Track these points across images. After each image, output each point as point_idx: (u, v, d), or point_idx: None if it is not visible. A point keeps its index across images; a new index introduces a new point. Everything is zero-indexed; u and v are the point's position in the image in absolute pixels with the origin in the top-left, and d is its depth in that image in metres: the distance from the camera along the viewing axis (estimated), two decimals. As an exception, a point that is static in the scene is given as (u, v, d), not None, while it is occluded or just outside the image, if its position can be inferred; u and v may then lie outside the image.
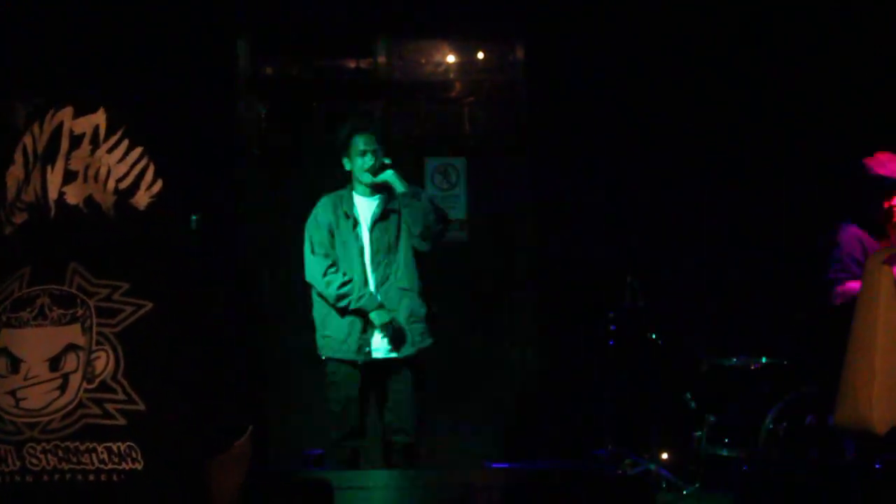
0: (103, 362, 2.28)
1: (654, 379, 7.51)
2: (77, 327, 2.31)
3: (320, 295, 6.41)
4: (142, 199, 2.44)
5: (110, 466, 2.27)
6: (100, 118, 2.44)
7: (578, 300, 7.89)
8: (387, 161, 6.41)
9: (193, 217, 5.96)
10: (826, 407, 6.83)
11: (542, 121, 8.20)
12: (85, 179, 2.41)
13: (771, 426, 7.01)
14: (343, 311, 6.34)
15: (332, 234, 6.43)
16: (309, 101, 8.46)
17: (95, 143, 2.42)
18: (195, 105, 7.37)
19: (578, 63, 8.05)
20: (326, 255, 6.39)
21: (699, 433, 7.30)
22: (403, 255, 6.44)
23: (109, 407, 2.27)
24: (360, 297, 6.30)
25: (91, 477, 2.26)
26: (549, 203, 8.11)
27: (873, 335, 2.62)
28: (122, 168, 2.44)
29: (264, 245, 8.24)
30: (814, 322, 7.22)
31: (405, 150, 7.79)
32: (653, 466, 7.30)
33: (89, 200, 2.41)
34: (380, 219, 6.43)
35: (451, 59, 8.61)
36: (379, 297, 6.35)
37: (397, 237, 6.44)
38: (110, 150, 2.43)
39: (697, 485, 7.10)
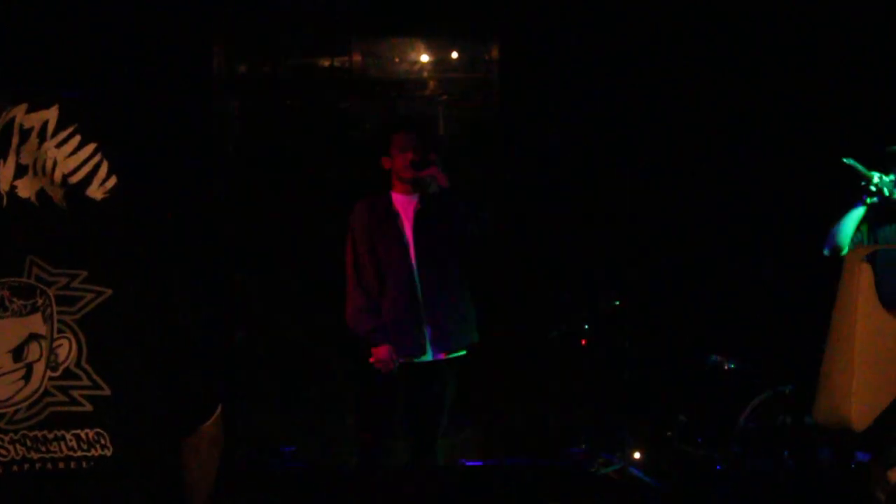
0: (66, 350, 2.30)
1: (628, 378, 7.50)
2: (38, 317, 2.33)
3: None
4: (96, 193, 2.46)
5: (79, 454, 2.28)
6: (52, 114, 2.46)
7: (552, 300, 7.89)
8: (432, 158, 6.37)
9: (168, 214, 5.96)
10: (800, 407, 6.90)
11: (516, 119, 8.19)
12: (35, 173, 2.44)
13: (743, 426, 7.02)
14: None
15: (371, 239, 6.40)
16: (284, 99, 8.44)
17: (43, 137, 2.45)
18: (170, 103, 7.34)
19: (552, 61, 8.04)
20: (368, 287, 6.39)
21: (672, 433, 7.31)
22: (448, 252, 6.40)
23: (75, 393, 2.28)
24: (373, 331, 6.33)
25: (61, 465, 2.27)
26: (522, 202, 8.10)
27: (852, 331, 2.61)
28: (73, 162, 2.46)
29: (241, 242, 8.22)
30: (787, 322, 7.27)
31: (379, 149, 7.77)
32: (625, 465, 7.30)
33: (41, 194, 2.44)
34: (424, 217, 6.41)
35: (425, 57, 8.61)
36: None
37: (440, 235, 6.40)
38: (59, 145, 2.46)
39: (670, 484, 7.10)
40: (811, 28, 7.75)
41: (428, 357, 6.36)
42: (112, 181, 2.49)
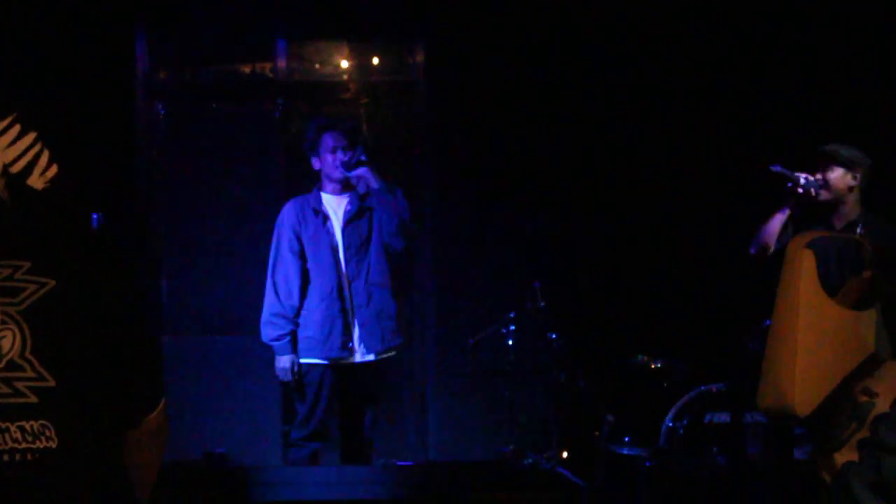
0: (10, 341, 2.27)
1: (555, 379, 7.52)
2: None
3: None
4: (37, 182, 2.45)
5: (24, 445, 2.26)
6: None
7: (480, 302, 7.90)
8: (363, 157, 6.37)
9: (95, 216, 5.90)
10: (729, 405, 6.96)
11: (442, 122, 8.20)
12: None
13: (671, 424, 7.07)
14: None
15: (298, 240, 6.41)
16: (208, 103, 8.40)
17: None
18: (95, 106, 7.26)
19: (479, 65, 8.06)
20: (290, 291, 6.40)
21: (599, 432, 7.34)
22: (375, 253, 6.46)
23: (19, 385, 2.26)
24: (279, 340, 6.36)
25: (6, 457, 2.25)
26: (449, 205, 8.11)
27: (794, 317, 2.64)
28: (13, 152, 2.45)
29: (166, 245, 8.16)
30: (714, 321, 7.34)
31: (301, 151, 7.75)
32: (553, 465, 7.31)
33: None
34: (354, 216, 6.43)
35: (350, 60, 8.60)
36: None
37: (370, 234, 6.46)
38: None
39: (598, 483, 7.12)
40: (740, 34, 7.85)
41: (356, 358, 6.38)
42: (53, 170, 2.47)
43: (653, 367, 7.38)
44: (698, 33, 7.90)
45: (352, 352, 6.37)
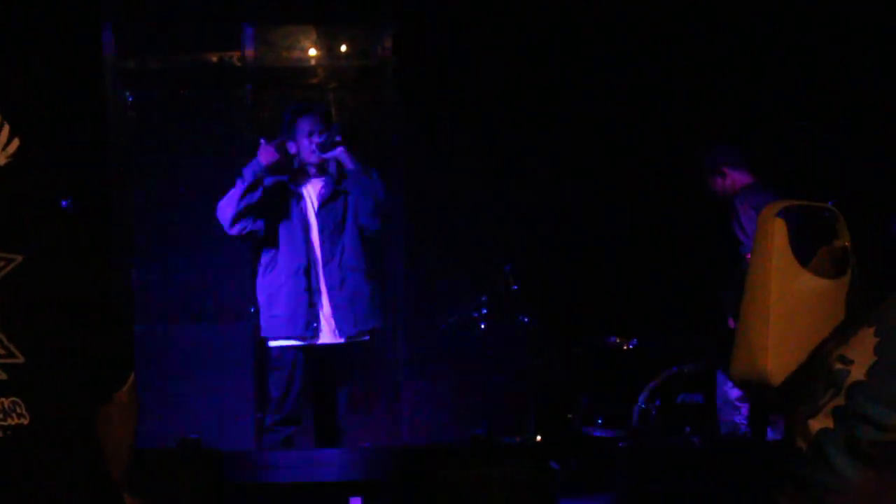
0: None
1: (527, 361, 7.53)
2: None
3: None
4: None
5: (-5, 423, 2.23)
6: None
7: (452, 286, 7.90)
8: (338, 139, 6.36)
9: (64, 202, 5.88)
10: (702, 385, 6.99)
11: (410, 106, 8.19)
12: None
13: (643, 405, 7.09)
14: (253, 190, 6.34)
15: (272, 218, 6.40)
16: (176, 89, 8.36)
17: None
18: (63, 91, 7.21)
19: (447, 48, 8.05)
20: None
21: (573, 414, 7.36)
22: (350, 235, 6.46)
23: (-12, 362, 2.23)
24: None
25: None
26: (419, 189, 8.10)
27: (767, 286, 2.64)
28: None
29: (136, 233, 8.13)
30: (686, 302, 7.35)
31: (275, 136, 7.72)
32: (527, 447, 7.32)
33: None
34: (328, 199, 6.43)
35: (318, 45, 8.57)
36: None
37: (344, 217, 6.45)
38: None
39: (572, 465, 7.13)
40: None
41: (327, 340, 6.38)
42: (14, 144, 2.45)
43: (625, 348, 7.40)
44: (671, 16, 7.91)
45: (316, 332, 6.37)
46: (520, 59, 8.02)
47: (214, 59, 8.51)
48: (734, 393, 6.64)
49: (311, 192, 6.46)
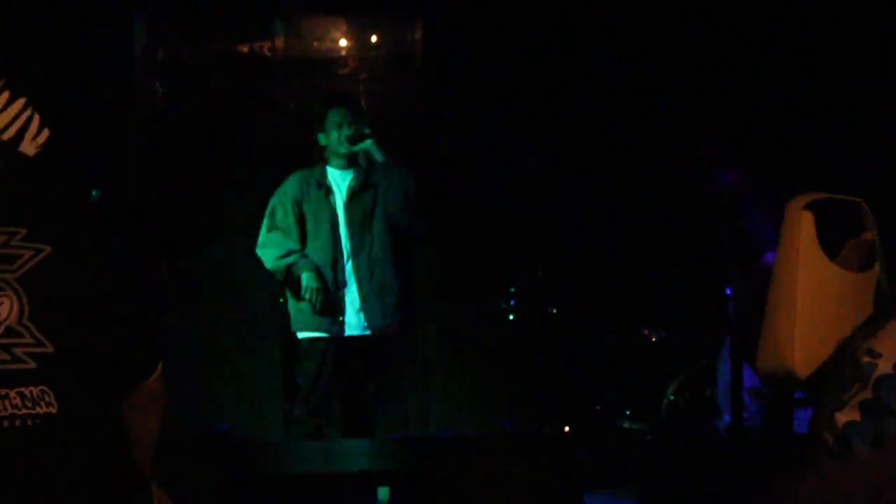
0: (7, 308, 2.27)
1: (556, 352, 7.53)
2: None
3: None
4: (29, 148, 2.44)
5: (24, 411, 2.26)
6: None
7: (481, 276, 7.90)
8: (366, 131, 6.38)
9: (94, 192, 5.92)
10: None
11: (441, 97, 8.18)
12: None
13: (672, 398, 7.08)
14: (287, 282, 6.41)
15: (299, 209, 6.41)
16: (206, 80, 8.38)
17: None
18: (93, 82, 7.25)
19: (477, 38, 8.04)
20: (285, 233, 6.39)
21: (601, 405, 7.35)
22: (379, 228, 6.47)
23: (18, 351, 2.26)
24: (294, 262, 6.33)
25: (5, 423, 2.25)
26: (449, 179, 8.10)
27: (794, 279, 2.64)
28: (4, 119, 2.44)
29: (166, 222, 8.15)
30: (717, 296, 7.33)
31: (304, 128, 7.74)
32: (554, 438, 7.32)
33: None
34: (358, 191, 6.44)
35: (349, 36, 8.57)
36: (346, 270, 6.41)
37: (373, 210, 6.46)
38: None
39: (599, 456, 7.13)
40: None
41: (356, 332, 6.40)
42: (44, 135, 2.47)
43: (654, 340, 7.39)
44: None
45: (343, 325, 6.38)
46: (551, 48, 8.00)
47: (245, 49, 8.51)
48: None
49: (341, 185, 6.48)
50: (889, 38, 6.88)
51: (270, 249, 6.41)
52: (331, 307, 6.37)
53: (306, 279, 6.29)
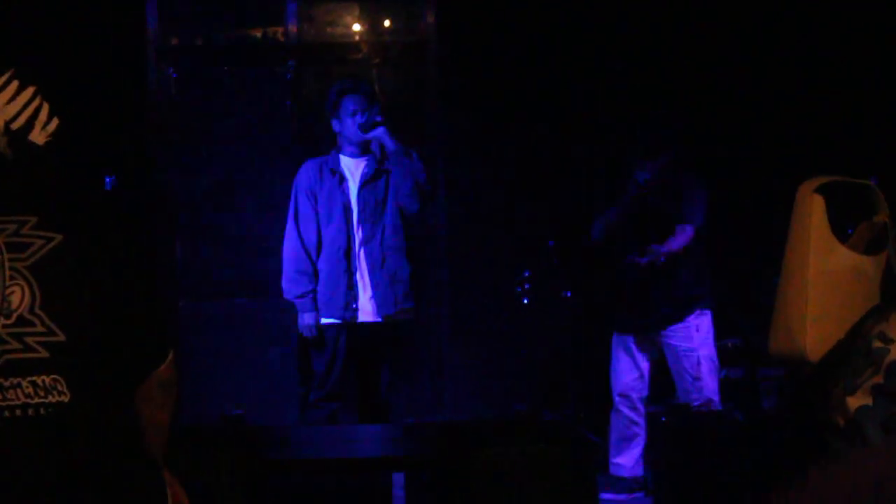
0: (19, 297, 2.28)
1: (569, 336, 7.52)
2: None
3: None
4: (39, 137, 2.44)
5: (37, 400, 2.27)
6: None
7: (496, 262, 7.90)
8: (378, 119, 6.41)
9: (108, 179, 5.93)
10: (744, 360, 6.96)
11: (454, 82, 8.17)
12: None
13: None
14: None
15: (315, 197, 6.47)
16: (220, 67, 8.38)
17: None
18: (106, 68, 7.26)
19: (490, 24, 8.03)
20: (309, 246, 6.50)
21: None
22: (391, 215, 6.53)
23: (30, 340, 2.26)
24: (301, 303, 6.48)
25: (18, 412, 2.25)
26: (461, 164, 8.09)
27: (805, 263, 2.63)
28: (13, 108, 2.46)
29: (180, 209, 8.17)
30: (733, 278, 7.33)
31: (317, 114, 7.74)
32: (569, 422, 7.31)
33: None
34: (370, 179, 6.49)
35: (361, 21, 8.56)
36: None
37: (385, 197, 6.51)
38: None
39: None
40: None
41: (368, 319, 6.43)
42: (54, 124, 2.48)
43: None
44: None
45: (355, 312, 6.42)
46: (566, 32, 7.98)
47: (258, 35, 8.51)
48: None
49: (354, 172, 6.50)
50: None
51: (289, 284, 6.60)
52: (342, 295, 6.41)
53: (302, 318, 6.53)
